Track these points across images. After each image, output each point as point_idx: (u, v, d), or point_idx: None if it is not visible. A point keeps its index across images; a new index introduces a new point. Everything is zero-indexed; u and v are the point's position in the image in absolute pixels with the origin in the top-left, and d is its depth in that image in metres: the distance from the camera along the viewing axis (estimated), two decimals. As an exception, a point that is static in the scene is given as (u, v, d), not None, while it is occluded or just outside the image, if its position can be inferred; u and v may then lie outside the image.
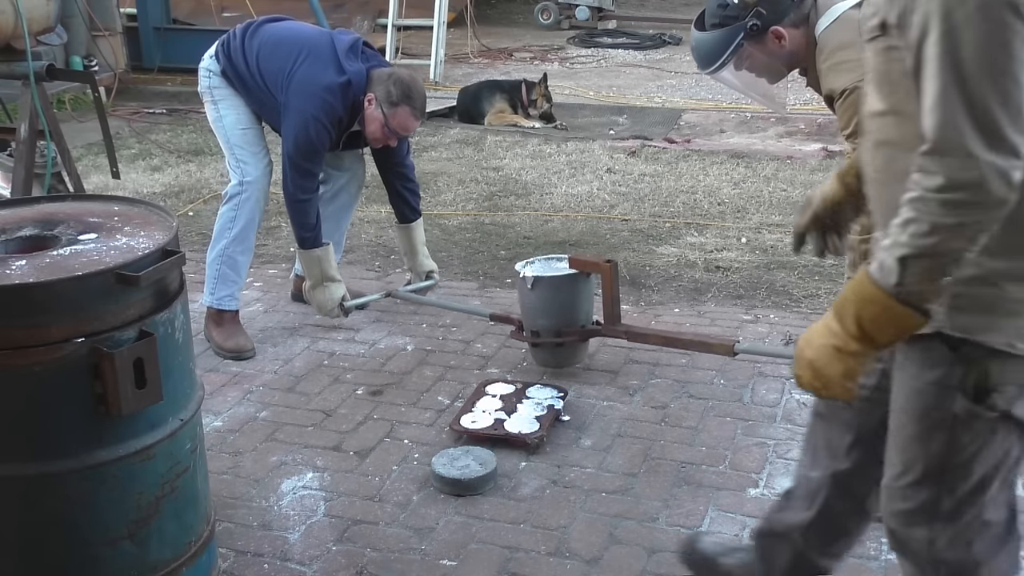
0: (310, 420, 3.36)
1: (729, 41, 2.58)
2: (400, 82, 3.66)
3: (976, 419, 1.66)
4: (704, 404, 3.42)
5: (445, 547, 2.68)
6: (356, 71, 3.68)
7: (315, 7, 9.77)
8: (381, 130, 3.69)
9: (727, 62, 2.62)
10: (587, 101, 8.98)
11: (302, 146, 3.66)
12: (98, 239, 2.20)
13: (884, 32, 1.58)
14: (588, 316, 3.55)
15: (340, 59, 3.69)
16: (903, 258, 1.49)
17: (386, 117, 3.65)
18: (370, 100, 3.66)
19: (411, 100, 3.66)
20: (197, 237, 5.18)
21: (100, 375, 2.00)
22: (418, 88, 3.72)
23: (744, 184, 6.10)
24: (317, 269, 3.82)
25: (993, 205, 1.44)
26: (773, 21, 2.55)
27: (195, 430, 2.29)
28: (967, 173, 1.43)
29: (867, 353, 1.59)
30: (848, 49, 2.40)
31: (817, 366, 1.62)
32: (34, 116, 4.58)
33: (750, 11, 2.54)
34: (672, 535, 2.71)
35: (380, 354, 3.87)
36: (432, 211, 5.65)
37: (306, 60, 3.70)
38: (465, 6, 11.90)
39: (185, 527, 2.27)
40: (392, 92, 3.63)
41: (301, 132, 3.64)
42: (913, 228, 1.48)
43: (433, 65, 9.83)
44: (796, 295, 4.35)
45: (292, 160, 3.68)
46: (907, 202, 1.49)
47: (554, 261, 3.65)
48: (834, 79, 2.48)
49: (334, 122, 3.69)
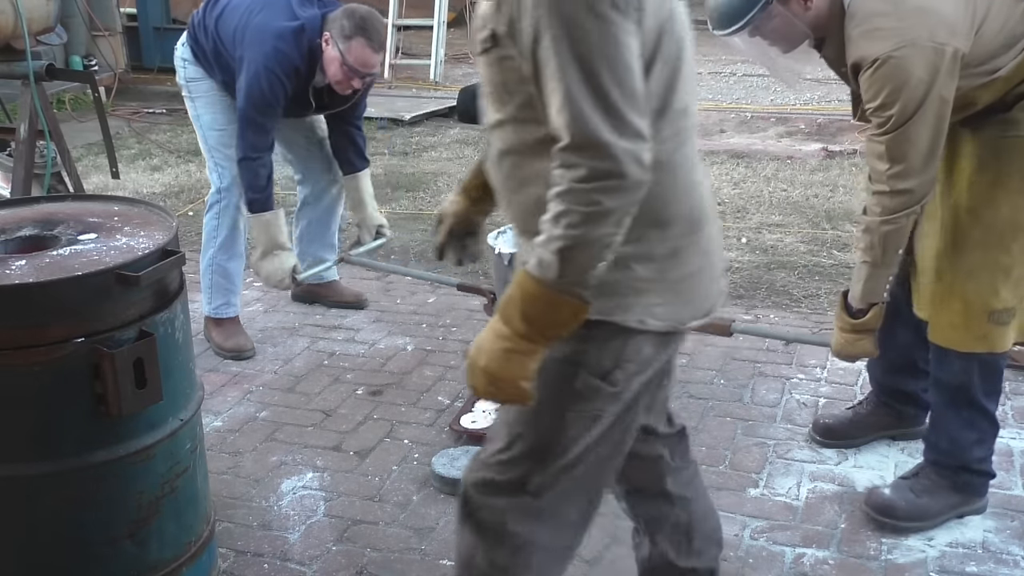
0: (310, 420, 3.36)
1: (754, 2, 2.36)
2: (353, 14, 3.48)
3: (591, 398, 1.71)
4: (704, 404, 3.42)
5: (445, 547, 2.68)
6: (311, 16, 3.52)
7: (315, 7, 9.76)
8: (341, 69, 3.48)
9: (752, 22, 2.40)
10: (587, 101, 8.97)
11: (255, 99, 3.48)
12: (98, 239, 2.20)
13: (495, 43, 1.59)
14: None
15: (293, 6, 3.53)
16: (561, 250, 1.52)
17: (342, 54, 3.45)
18: (326, 40, 3.48)
19: (366, 32, 3.46)
20: (197, 237, 5.15)
21: (100, 375, 2.00)
22: (374, 20, 3.53)
23: (744, 184, 6.10)
24: (265, 235, 3.59)
25: (633, 187, 1.50)
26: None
27: (195, 430, 2.29)
28: (605, 161, 1.48)
29: (538, 350, 1.59)
30: (885, 16, 2.29)
31: (491, 370, 1.60)
32: (34, 116, 4.58)
33: None
34: (672, 535, 2.71)
35: (380, 354, 3.87)
36: (432, 211, 5.65)
37: (259, 12, 3.54)
38: (465, 6, 11.90)
39: (185, 527, 2.27)
40: (345, 26, 3.45)
41: (254, 84, 3.46)
42: (565, 220, 1.51)
43: (433, 65, 9.83)
44: (796, 295, 4.35)
45: (245, 114, 3.51)
46: (554, 197, 1.52)
47: None
48: (867, 46, 2.31)
49: (289, 72, 3.49)
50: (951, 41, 2.26)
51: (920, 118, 2.28)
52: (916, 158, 2.32)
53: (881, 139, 2.34)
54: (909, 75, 2.25)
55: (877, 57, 2.27)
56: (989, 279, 2.53)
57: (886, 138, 2.33)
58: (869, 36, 2.31)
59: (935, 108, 2.28)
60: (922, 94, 2.26)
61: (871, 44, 2.30)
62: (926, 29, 2.25)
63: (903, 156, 2.33)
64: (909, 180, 2.35)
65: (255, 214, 3.60)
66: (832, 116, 8.17)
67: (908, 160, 2.33)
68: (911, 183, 2.35)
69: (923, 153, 2.32)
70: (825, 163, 6.61)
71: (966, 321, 2.57)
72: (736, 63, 10.81)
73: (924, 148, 2.31)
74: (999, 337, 2.58)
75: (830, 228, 5.23)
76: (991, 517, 2.76)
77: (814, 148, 7.14)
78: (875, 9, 2.31)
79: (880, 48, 2.27)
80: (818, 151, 7.01)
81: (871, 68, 2.29)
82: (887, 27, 2.27)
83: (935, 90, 2.26)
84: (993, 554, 2.62)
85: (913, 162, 2.33)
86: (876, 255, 2.46)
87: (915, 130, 2.29)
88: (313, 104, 3.69)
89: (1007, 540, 2.68)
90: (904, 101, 2.27)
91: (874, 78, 2.30)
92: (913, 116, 2.28)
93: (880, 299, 2.54)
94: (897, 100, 2.27)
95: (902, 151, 2.32)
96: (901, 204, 2.38)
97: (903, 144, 2.31)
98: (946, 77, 2.27)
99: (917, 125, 2.29)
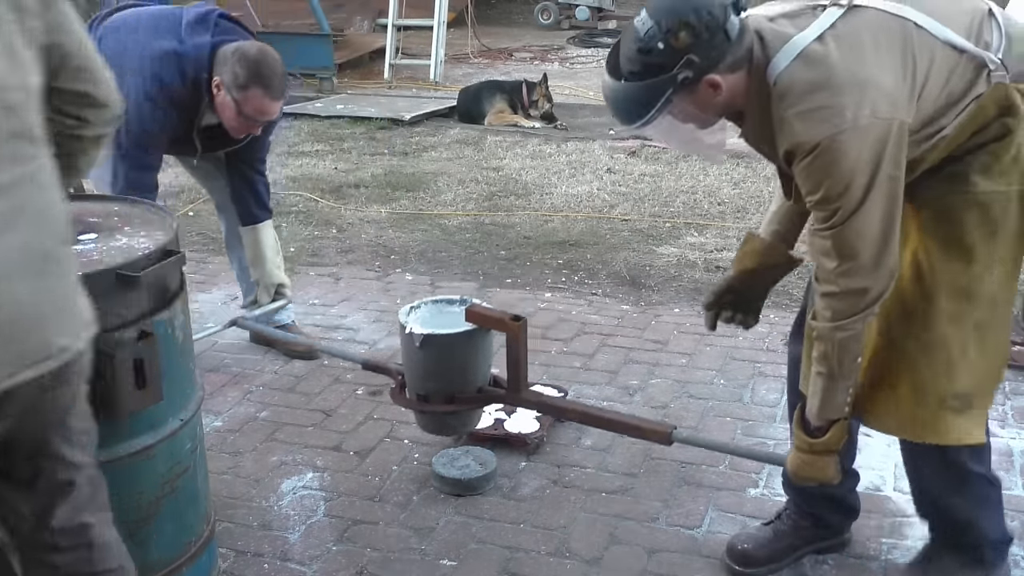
0: (310, 420, 3.36)
1: (655, 95, 2.01)
2: (245, 60, 3.11)
3: None
4: (704, 404, 3.42)
5: (445, 547, 2.68)
6: (196, 44, 3.15)
7: (315, 7, 9.78)
8: (237, 119, 3.18)
9: (653, 120, 2.06)
10: (587, 101, 8.99)
11: (133, 132, 3.13)
12: (98, 239, 2.20)
13: None
14: (486, 376, 2.83)
15: (181, 30, 3.18)
16: None
17: (238, 103, 3.13)
18: (217, 86, 3.15)
19: (261, 79, 3.11)
20: (197, 237, 5.18)
21: (100, 375, 2.00)
22: (269, 63, 3.14)
23: (744, 184, 6.10)
24: None
25: None
26: (707, 69, 1.99)
27: (195, 430, 2.29)
28: None
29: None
30: (819, 92, 1.95)
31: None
32: (34, 116, 4.56)
33: (680, 59, 1.98)
34: (672, 535, 2.71)
35: (380, 354, 3.86)
36: (432, 211, 5.66)
37: (142, 35, 3.20)
38: (465, 6, 11.91)
39: (185, 527, 2.27)
40: (239, 74, 3.11)
41: (132, 115, 3.04)
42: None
43: (433, 65, 9.84)
44: (796, 295, 4.34)
45: (123, 150, 3.15)
46: None
47: (444, 305, 2.92)
48: (803, 130, 1.98)
49: (173, 101, 3.16)
50: (895, 114, 1.96)
51: (869, 206, 1.97)
52: (868, 252, 2.00)
53: (826, 234, 2.02)
54: (853, 160, 1.94)
55: (817, 143, 1.95)
56: (946, 360, 2.15)
57: (831, 232, 2.01)
58: (805, 118, 1.98)
59: (885, 191, 1.97)
60: (868, 179, 1.95)
61: (807, 128, 1.97)
62: (867, 105, 1.94)
63: (853, 252, 2.00)
64: (862, 278, 2.02)
65: None
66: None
67: (859, 255, 2.00)
68: (864, 281, 2.03)
69: (876, 244, 2.00)
70: (825, 163, 6.60)
71: (914, 409, 2.19)
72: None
73: (877, 238, 1.99)
74: (952, 426, 2.18)
75: (830, 228, 5.22)
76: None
77: (814, 148, 7.14)
78: (808, 84, 1.98)
79: (817, 132, 1.96)
80: (818, 151, 7.01)
81: (808, 156, 1.98)
82: (826, 105, 1.95)
83: (883, 171, 1.96)
84: (993, 554, 2.62)
85: (865, 257, 2.00)
86: (832, 365, 2.12)
87: (864, 220, 1.98)
88: (199, 147, 3.38)
89: (1007, 540, 2.68)
90: (850, 190, 1.96)
91: (812, 167, 1.99)
92: (861, 205, 1.97)
93: (841, 415, 2.20)
94: (841, 191, 1.96)
95: (851, 246, 2.00)
96: (854, 306, 2.05)
97: (852, 238, 2.00)
98: (894, 154, 1.97)
99: (867, 214, 1.97)
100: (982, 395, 2.20)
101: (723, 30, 1.98)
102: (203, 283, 4.57)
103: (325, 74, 9.45)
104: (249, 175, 3.59)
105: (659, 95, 2.01)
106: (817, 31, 1.99)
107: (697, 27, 1.97)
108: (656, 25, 1.98)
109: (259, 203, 3.62)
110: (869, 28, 2.00)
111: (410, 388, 2.83)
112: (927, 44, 2.01)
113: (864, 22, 2.01)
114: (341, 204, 5.81)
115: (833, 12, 2.02)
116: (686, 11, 1.98)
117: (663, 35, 1.97)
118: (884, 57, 1.98)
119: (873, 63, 1.97)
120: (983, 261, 2.11)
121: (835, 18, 2.01)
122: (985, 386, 2.20)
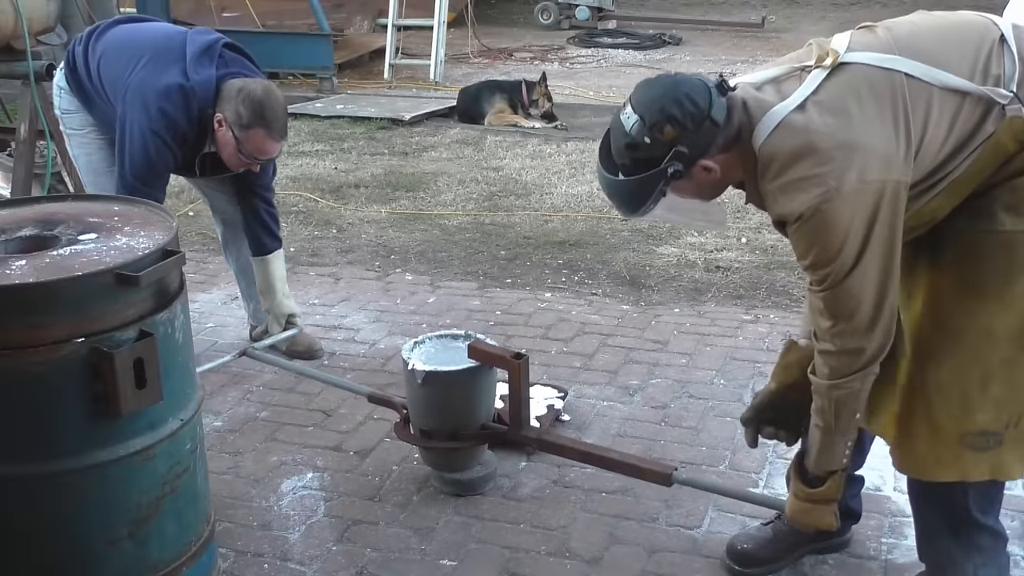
0: (310, 420, 3.36)
1: (647, 188, 2.00)
2: (250, 100, 3.10)
3: None
4: (704, 404, 3.42)
5: (445, 547, 2.68)
6: (203, 78, 3.14)
7: (315, 7, 9.78)
8: (235, 156, 3.18)
9: (650, 209, 2.07)
10: (587, 101, 8.99)
11: (138, 167, 3.12)
12: (98, 239, 2.20)
13: None
14: (489, 412, 2.88)
15: (187, 63, 3.15)
16: None
17: (239, 141, 3.13)
18: (219, 121, 3.13)
19: (264, 121, 3.11)
20: (197, 237, 5.18)
21: (100, 375, 2.00)
22: (273, 105, 3.14)
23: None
24: None
25: None
26: (697, 157, 1.97)
27: (195, 430, 2.29)
28: None
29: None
30: (804, 160, 1.91)
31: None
32: (34, 116, 4.58)
33: (668, 151, 1.95)
34: (672, 535, 2.71)
35: (380, 354, 3.86)
36: (432, 211, 5.66)
37: (147, 63, 3.16)
38: (465, 6, 11.91)
39: (185, 527, 2.27)
40: (242, 114, 3.09)
41: (137, 150, 3.10)
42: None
43: (433, 65, 9.84)
44: (796, 295, 4.34)
45: (128, 184, 3.12)
46: None
47: (449, 341, 2.96)
48: (786, 202, 1.95)
49: (177, 137, 3.14)
50: (888, 175, 1.90)
51: (863, 269, 1.92)
52: (864, 312, 1.96)
53: (820, 295, 1.99)
54: (843, 227, 1.90)
55: (801, 213, 1.93)
56: (961, 396, 2.07)
57: (824, 294, 1.98)
58: (788, 189, 1.94)
59: (879, 252, 1.92)
60: (860, 243, 1.91)
61: (790, 199, 1.94)
62: (854, 170, 1.88)
63: (848, 312, 1.97)
64: (857, 339, 1.99)
65: None
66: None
67: (854, 316, 1.97)
68: (860, 342, 1.99)
69: (872, 304, 1.95)
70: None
71: (933, 447, 2.12)
72: (736, 63, 10.82)
73: (871, 300, 1.95)
74: (973, 464, 2.10)
75: (830, 228, 5.22)
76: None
77: (814, 148, 7.14)
78: (790, 153, 1.93)
79: (802, 202, 1.91)
80: (818, 151, 7.01)
81: (795, 223, 1.96)
82: (808, 175, 1.91)
83: (876, 234, 1.90)
84: (993, 554, 2.62)
85: (860, 318, 1.96)
86: (828, 421, 2.10)
87: (858, 282, 1.93)
88: (198, 172, 3.39)
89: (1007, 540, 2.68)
90: (841, 255, 1.92)
91: (801, 234, 1.97)
92: (854, 268, 1.92)
93: (839, 466, 2.18)
94: (833, 256, 1.93)
95: (846, 307, 1.96)
96: (850, 365, 2.01)
97: (846, 299, 1.96)
98: (888, 217, 1.91)
99: (861, 276, 1.93)
100: (1015, 428, 2.08)
101: (708, 118, 1.95)
102: (203, 283, 4.57)
103: (325, 74, 9.46)
104: (257, 205, 3.58)
105: (652, 188, 2.01)
106: (799, 98, 1.95)
107: (682, 119, 1.95)
108: (640, 120, 1.96)
109: (269, 233, 3.61)
110: (854, 88, 1.94)
111: (414, 424, 2.89)
112: (922, 94, 1.94)
113: (849, 82, 1.95)
114: (341, 204, 5.81)
115: (818, 75, 1.96)
116: (669, 104, 1.95)
117: (648, 130, 1.96)
118: (871, 118, 1.92)
119: (859, 126, 1.91)
120: (1006, 300, 2.02)
121: (819, 81, 1.96)
122: (1017, 420, 2.09)
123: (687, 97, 1.95)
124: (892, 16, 2.19)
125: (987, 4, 13.06)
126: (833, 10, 14.83)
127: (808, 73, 1.98)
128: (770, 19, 13.79)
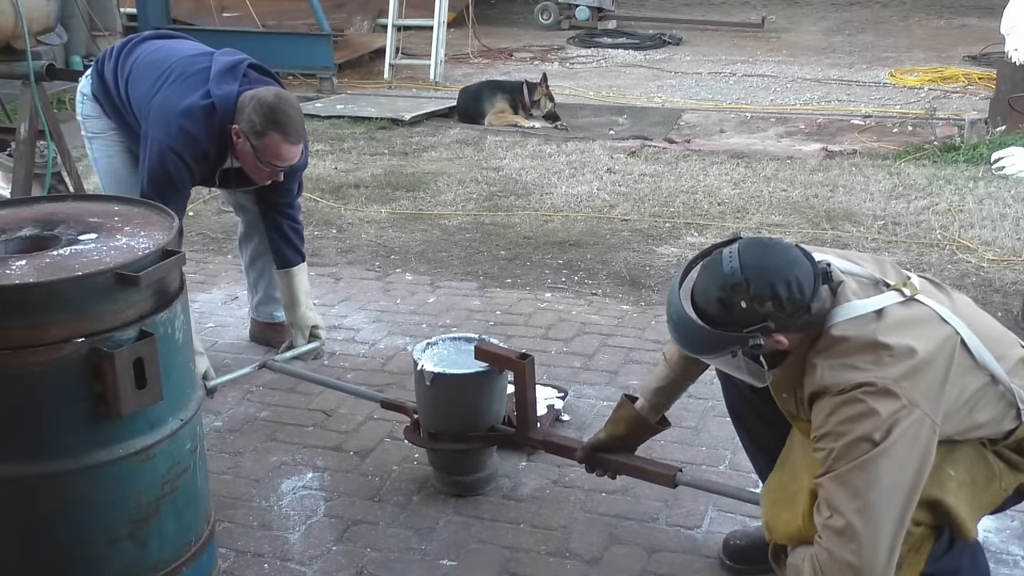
0: (310, 420, 3.36)
1: (721, 345, 2.05)
2: (262, 107, 3.11)
3: None
4: (704, 404, 3.41)
5: (445, 547, 2.68)
6: (224, 94, 3.16)
7: (315, 7, 9.77)
8: (256, 166, 3.20)
9: (712, 361, 2.20)
10: (587, 101, 8.99)
11: (158, 182, 3.16)
12: (98, 239, 2.20)
13: None
14: (498, 415, 2.90)
15: (211, 81, 3.19)
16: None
17: (255, 150, 3.14)
18: (237, 133, 3.15)
19: (277, 124, 3.11)
20: (197, 237, 5.18)
21: (100, 375, 2.00)
22: (286, 109, 3.14)
23: (744, 184, 6.10)
24: None
25: None
26: (779, 332, 2.01)
27: (195, 430, 2.29)
28: None
29: None
30: (867, 352, 1.97)
31: None
32: (34, 116, 4.58)
33: (758, 323, 1.98)
34: (672, 535, 2.71)
35: (380, 354, 3.87)
36: (432, 211, 5.66)
37: (172, 83, 3.22)
38: (465, 6, 11.91)
39: (185, 527, 2.27)
40: (255, 121, 3.10)
41: (156, 166, 3.15)
42: None
43: (433, 65, 9.84)
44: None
45: (147, 198, 3.01)
46: None
47: (461, 343, 2.97)
48: (835, 375, 1.98)
49: (197, 155, 3.19)
50: (927, 410, 1.95)
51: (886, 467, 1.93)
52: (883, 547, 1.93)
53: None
54: (879, 421, 1.93)
55: (844, 387, 1.97)
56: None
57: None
58: (842, 367, 1.99)
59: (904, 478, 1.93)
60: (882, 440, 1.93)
61: (841, 373, 1.99)
62: (909, 382, 1.95)
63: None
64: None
65: None
66: (832, 116, 8.17)
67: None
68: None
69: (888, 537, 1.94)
70: (825, 163, 6.61)
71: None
72: (736, 63, 10.82)
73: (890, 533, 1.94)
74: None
75: (830, 228, 5.23)
76: (991, 517, 2.75)
77: (814, 148, 7.14)
78: (861, 340, 1.99)
79: (850, 378, 1.97)
80: (818, 151, 7.01)
81: (830, 395, 1.99)
82: (866, 366, 1.97)
83: (908, 459, 1.94)
84: (993, 554, 2.62)
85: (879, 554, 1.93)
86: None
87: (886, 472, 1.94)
88: (217, 182, 3.42)
89: (1007, 540, 2.68)
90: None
91: (829, 406, 1.99)
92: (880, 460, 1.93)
93: None
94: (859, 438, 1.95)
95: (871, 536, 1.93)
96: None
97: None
98: (923, 449, 1.94)
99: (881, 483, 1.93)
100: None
101: (807, 307, 1.98)
102: (203, 283, 4.57)
103: (325, 74, 9.45)
104: (280, 223, 3.59)
105: (724, 346, 2.05)
106: (878, 305, 2.03)
107: (784, 302, 1.97)
108: (745, 283, 1.97)
109: (293, 248, 3.62)
110: (922, 325, 2.03)
111: (423, 426, 2.90)
112: (965, 363, 2.03)
113: (918, 317, 2.04)
114: (341, 204, 5.81)
115: (893, 296, 2.05)
116: (779, 282, 1.97)
117: (748, 297, 1.97)
118: (928, 356, 1.99)
119: (921, 355, 1.98)
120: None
121: (895, 300, 2.04)
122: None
123: (796, 281, 1.98)
124: (892, 16, 2.17)
125: (987, 4, 13.03)
126: (833, 10, 14.81)
127: (887, 290, 2.06)
128: (770, 19, 13.77)
